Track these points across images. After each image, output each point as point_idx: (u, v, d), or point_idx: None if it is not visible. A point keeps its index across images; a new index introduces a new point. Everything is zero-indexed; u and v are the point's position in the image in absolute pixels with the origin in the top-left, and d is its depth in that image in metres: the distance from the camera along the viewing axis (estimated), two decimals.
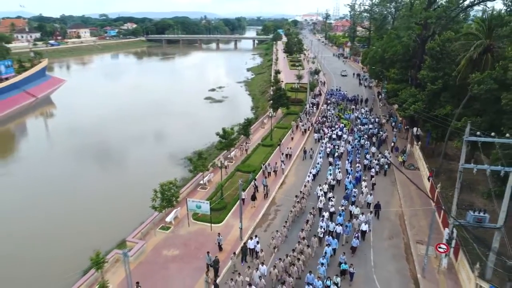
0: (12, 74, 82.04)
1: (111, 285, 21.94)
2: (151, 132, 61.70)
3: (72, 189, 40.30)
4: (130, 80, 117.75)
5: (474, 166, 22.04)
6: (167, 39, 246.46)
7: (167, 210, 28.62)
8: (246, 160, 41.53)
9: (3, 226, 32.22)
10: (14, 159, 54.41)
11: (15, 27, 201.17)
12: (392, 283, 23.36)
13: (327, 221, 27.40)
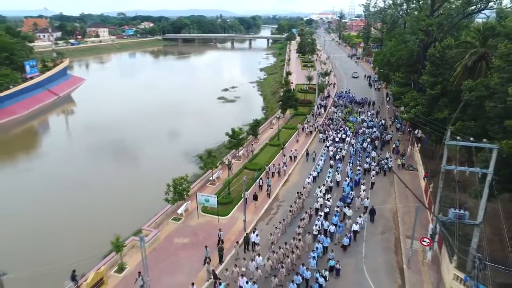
0: (37, 74, 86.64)
1: (128, 267, 25.07)
2: (166, 130, 64.96)
3: (91, 183, 43.85)
4: (147, 78, 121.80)
5: (454, 168, 24.31)
6: (183, 38, 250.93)
7: (178, 203, 31.66)
8: (253, 158, 44.25)
9: (32, 217, 35.71)
10: (37, 155, 58.46)
11: (37, 27, 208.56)
12: (380, 272, 25.75)
13: (323, 220, 29.43)
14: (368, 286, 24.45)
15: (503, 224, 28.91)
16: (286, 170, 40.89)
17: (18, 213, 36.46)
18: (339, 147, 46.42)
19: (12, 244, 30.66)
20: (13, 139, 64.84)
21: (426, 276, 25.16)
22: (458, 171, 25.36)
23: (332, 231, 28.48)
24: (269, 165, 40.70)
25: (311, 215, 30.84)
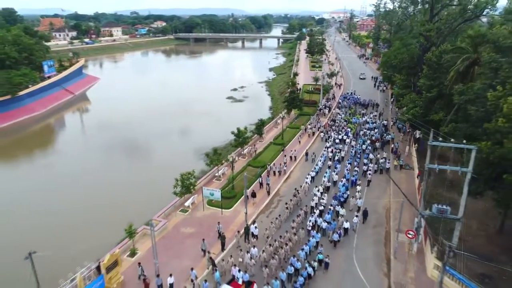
0: (54, 73, 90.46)
1: (139, 252, 27.87)
2: (176, 129, 67.95)
3: (106, 178, 47.06)
4: (159, 77, 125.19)
5: (437, 167, 26.43)
6: (194, 37, 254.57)
7: (186, 196, 34.43)
8: (257, 156, 46.80)
9: (53, 207, 38.88)
10: (54, 151, 62.16)
11: (53, 26, 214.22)
12: (368, 262, 28.07)
13: (317, 217, 31.52)
14: (356, 273, 26.80)
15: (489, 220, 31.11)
16: (287, 170, 43.01)
17: (41, 204, 39.68)
18: (338, 148, 48.14)
19: (38, 228, 33.73)
20: (32, 136, 68.51)
21: (411, 265, 27.39)
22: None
23: (324, 227, 30.51)
24: (271, 165, 42.99)
25: (306, 212, 32.91)
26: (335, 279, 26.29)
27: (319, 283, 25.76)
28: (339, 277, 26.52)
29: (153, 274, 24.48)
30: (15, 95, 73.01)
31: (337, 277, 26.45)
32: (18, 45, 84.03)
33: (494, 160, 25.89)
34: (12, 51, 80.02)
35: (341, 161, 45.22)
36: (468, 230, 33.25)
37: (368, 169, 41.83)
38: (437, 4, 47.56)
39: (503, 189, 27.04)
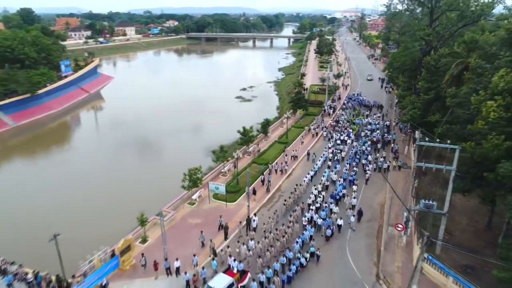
0: (70, 73, 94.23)
1: (150, 239, 30.63)
2: (186, 127, 70.73)
3: (119, 172, 50.15)
4: (171, 76, 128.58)
5: (424, 165, 28.53)
6: (206, 37, 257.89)
7: (193, 190, 37.13)
8: (262, 154, 49.27)
9: (71, 199, 41.97)
10: (70, 147, 65.70)
11: (69, 26, 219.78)
12: (360, 252, 30.31)
13: (312, 213, 33.59)
14: (348, 262, 29.09)
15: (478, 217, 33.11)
16: (288, 169, 45.01)
17: (61, 195, 42.87)
18: (339, 149, 49.65)
19: (60, 216, 36.72)
20: (50, 133, 72.23)
21: (399, 256, 29.59)
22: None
23: (319, 223, 32.49)
24: (273, 163, 45.20)
25: (303, 208, 34.87)
26: (327, 267, 28.58)
27: (312, 271, 28.03)
28: (331, 265, 28.80)
29: (162, 258, 27.14)
30: (34, 94, 76.70)
31: (329, 266, 28.73)
32: (37, 46, 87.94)
33: (477, 159, 27.87)
34: (31, 52, 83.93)
35: (340, 161, 46.84)
36: (458, 225, 35.37)
37: (367, 168, 43.53)
38: (437, 9, 49.18)
39: (487, 187, 28.86)
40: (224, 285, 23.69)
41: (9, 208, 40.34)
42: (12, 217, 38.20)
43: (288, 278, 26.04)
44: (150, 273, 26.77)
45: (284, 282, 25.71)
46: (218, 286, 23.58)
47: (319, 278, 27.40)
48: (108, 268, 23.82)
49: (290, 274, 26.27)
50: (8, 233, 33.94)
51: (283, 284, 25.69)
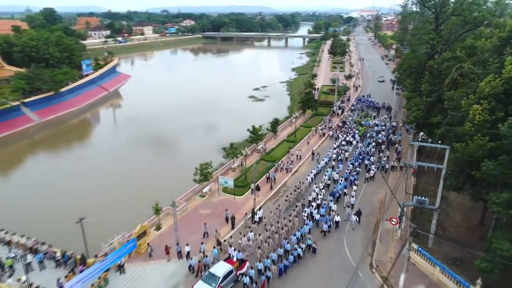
0: (91, 71, 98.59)
1: (163, 227, 33.62)
2: (200, 124, 73.76)
3: (136, 166, 53.40)
4: (186, 75, 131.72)
5: (415, 163, 30.61)
6: (221, 36, 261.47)
7: (204, 183, 39.91)
8: (270, 152, 51.83)
9: (93, 189, 45.42)
10: (90, 142, 69.65)
11: (89, 25, 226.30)
12: (356, 244, 32.59)
13: (312, 209, 35.62)
14: (344, 252, 31.44)
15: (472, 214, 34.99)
16: (293, 168, 47.13)
17: (84, 185, 46.45)
18: (343, 150, 51.14)
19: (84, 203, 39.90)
20: (71, 129, 76.29)
21: (392, 247, 31.77)
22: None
23: (317, 219, 34.59)
24: (278, 162, 47.46)
25: (304, 204, 37.08)
26: (325, 256, 30.98)
27: (309, 260, 30.29)
28: (329, 255, 31.20)
29: (174, 244, 30.05)
30: (57, 92, 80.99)
31: (327, 255, 31.14)
32: (60, 46, 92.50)
33: (467, 159, 29.80)
34: (55, 51, 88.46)
35: (344, 162, 48.35)
36: (452, 222, 37.35)
37: (371, 168, 45.12)
38: (442, 14, 50.79)
39: (477, 185, 30.76)
40: (224, 272, 26.11)
41: (38, 196, 44.26)
42: (41, 203, 41.98)
43: (284, 267, 28.36)
44: (162, 256, 29.69)
45: (281, 270, 28.10)
46: (218, 272, 26.05)
47: (316, 266, 29.80)
48: (127, 249, 26.77)
49: (287, 263, 28.57)
50: (38, 218, 37.56)
51: (280, 272, 28.07)
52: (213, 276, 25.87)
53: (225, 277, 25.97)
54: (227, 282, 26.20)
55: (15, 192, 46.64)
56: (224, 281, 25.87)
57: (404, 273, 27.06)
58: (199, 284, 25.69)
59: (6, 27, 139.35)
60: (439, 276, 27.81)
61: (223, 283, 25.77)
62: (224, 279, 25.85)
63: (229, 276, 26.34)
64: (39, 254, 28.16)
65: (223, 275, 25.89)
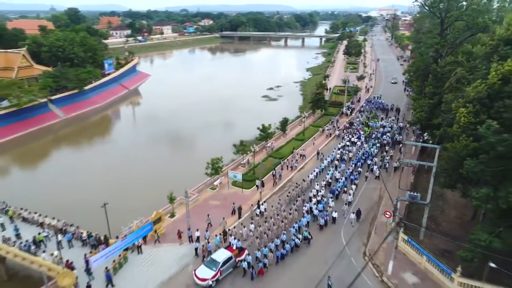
0: (112, 71, 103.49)
1: (177, 215, 37.10)
2: (214, 122, 77.21)
3: (153, 160, 57.26)
4: (203, 74, 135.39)
5: (409, 161, 33.05)
6: (239, 36, 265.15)
7: (215, 177, 43.23)
8: (279, 149, 54.79)
9: (114, 180, 49.40)
10: (111, 137, 74.13)
11: (111, 25, 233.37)
12: (353, 235, 35.27)
13: (312, 204, 38.16)
14: (340, 242, 34.23)
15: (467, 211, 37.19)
16: (298, 166, 49.63)
17: (106, 176, 50.47)
18: (347, 150, 52.97)
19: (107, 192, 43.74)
20: (94, 125, 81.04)
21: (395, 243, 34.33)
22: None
23: (315, 213, 37.08)
24: (284, 160, 50.11)
25: (304, 200, 39.70)
26: (322, 245, 33.85)
27: (306, 249, 33.10)
28: (326, 244, 34.06)
29: (186, 229, 33.44)
30: (81, 90, 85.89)
31: (324, 244, 34.02)
32: (84, 46, 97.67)
33: (457, 158, 32.09)
34: (79, 51, 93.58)
35: (347, 161, 50.07)
36: (446, 217, 39.68)
37: (374, 168, 47.15)
38: (447, 19, 52.58)
39: (466, 183, 33.02)
40: (224, 258, 29.14)
41: (66, 185, 48.64)
42: (68, 191, 46.31)
43: (281, 255, 31.22)
44: (175, 240, 33.15)
45: (278, 258, 31.00)
46: (219, 258, 29.11)
47: (313, 253, 32.69)
48: (144, 231, 30.27)
49: (284, 252, 31.42)
50: (66, 204, 41.62)
51: (277, 259, 30.97)
52: (214, 261, 28.91)
53: (224, 263, 28.92)
54: (227, 267, 29.16)
55: (45, 181, 51.37)
56: (224, 266, 28.83)
57: (392, 260, 29.87)
58: (202, 268, 28.79)
59: (33, 26, 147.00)
60: (425, 264, 30.34)
61: (223, 268, 28.74)
62: (223, 264, 28.81)
63: (228, 262, 29.28)
64: (68, 234, 32.04)
65: (223, 260, 28.88)
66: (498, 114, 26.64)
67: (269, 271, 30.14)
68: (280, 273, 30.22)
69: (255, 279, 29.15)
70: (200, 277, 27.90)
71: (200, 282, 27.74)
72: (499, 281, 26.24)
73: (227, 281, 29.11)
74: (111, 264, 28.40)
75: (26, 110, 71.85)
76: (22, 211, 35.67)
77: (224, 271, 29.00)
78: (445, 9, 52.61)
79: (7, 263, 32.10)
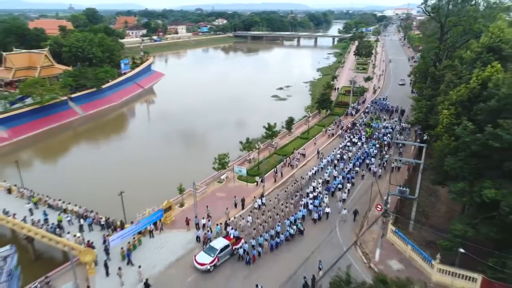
0: (128, 70, 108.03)
1: (186, 204, 40.64)
2: (224, 121, 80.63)
3: (165, 155, 61.10)
4: (216, 74, 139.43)
5: (399, 158, 35.78)
6: (252, 35, 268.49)
7: (222, 171, 46.62)
8: (283, 147, 57.89)
9: (129, 172, 53.31)
10: (126, 134, 78.28)
11: (127, 24, 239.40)
12: (347, 226, 38.23)
13: (308, 199, 40.83)
14: (334, 232, 37.21)
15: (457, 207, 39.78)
16: (298, 164, 52.24)
17: (121, 168, 54.44)
18: (347, 150, 55.06)
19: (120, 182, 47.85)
20: (110, 122, 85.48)
21: (375, 229, 37.19)
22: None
23: (310, 208, 39.79)
24: (286, 158, 52.79)
25: (302, 195, 42.46)
26: (317, 235, 36.94)
27: (301, 238, 35.99)
28: (321, 234, 37.13)
29: (193, 217, 36.92)
30: (99, 88, 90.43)
31: (319, 234, 37.08)
32: (102, 46, 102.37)
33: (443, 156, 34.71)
34: (98, 52, 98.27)
35: (347, 161, 52.00)
36: (437, 212, 42.32)
37: (371, 168, 49.53)
38: (447, 25, 54.84)
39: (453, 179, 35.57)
40: (221, 245, 32.28)
41: (85, 175, 53.07)
42: (88, 182, 50.65)
43: (276, 244, 34.27)
44: (183, 227, 36.69)
45: (272, 246, 34.06)
46: (217, 246, 32.26)
47: (306, 243, 35.63)
48: (155, 217, 33.89)
49: (278, 241, 34.47)
50: (87, 192, 45.77)
51: (272, 247, 34.00)
52: (212, 248, 32.15)
53: (222, 250, 32.10)
54: (224, 254, 32.32)
55: (66, 173, 55.61)
56: (221, 253, 32.01)
57: (379, 248, 32.81)
58: (201, 254, 32.05)
59: (53, 26, 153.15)
60: (410, 253, 33.13)
61: (221, 255, 31.93)
62: (221, 252, 31.99)
63: (225, 249, 32.45)
64: (88, 219, 35.88)
65: (221, 248, 32.09)
66: (476, 116, 29.33)
67: (264, 258, 33.21)
68: (274, 259, 33.32)
69: (251, 264, 32.29)
70: (200, 262, 31.16)
71: (199, 266, 31.01)
72: (474, 267, 28.90)
73: (225, 266, 32.24)
74: (126, 245, 32.06)
75: (48, 108, 76.52)
76: (47, 198, 39.72)
77: (222, 257, 32.09)
78: (445, 14, 54.89)
79: (35, 244, 36.12)
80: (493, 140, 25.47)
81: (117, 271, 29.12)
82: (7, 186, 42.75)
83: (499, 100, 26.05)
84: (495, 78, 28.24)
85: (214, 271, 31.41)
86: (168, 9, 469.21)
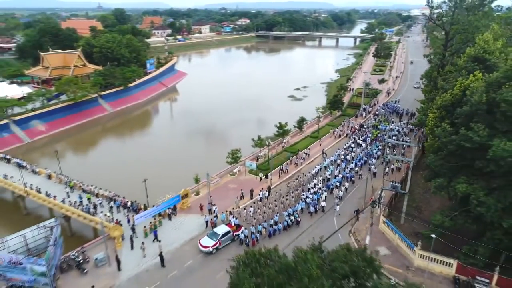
0: (153, 70, 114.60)
1: (201, 193, 45.75)
2: (241, 119, 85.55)
3: (185, 149, 66.55)
4: (237, 73, 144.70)
5: (391, 157, 39.59)
6: (273, 35, 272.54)
7: (234, 165, 51.49)
8: (294, 144, 62.22)
9: (153, 164, 59.01)
10: (151, 130, 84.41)
11: (153, 24, 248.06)
12: (344, 216, 42.17)
13: (308, 194, 44.81)
14: (332, 222, 41.46)
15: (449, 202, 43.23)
16: (303, 163, 55.95)
17: (144, 160, 60.23)
18: (351, 150, 57.55)
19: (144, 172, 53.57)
20: (136, 118, 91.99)
21: (369, 220, 41.11)
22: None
23: (309, 202, 43.48)
24: (293, 157, 56.63)
25: (303, 190, 46.34)
26: (312, 226, 41.01)
27: (298, 228, 40.16)
28: (318, 223, 41.36)
29: (207, 204, 41.98)
30: (126, 87, 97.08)
31: (316, 223, 41.37)
32: (130, 47, 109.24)
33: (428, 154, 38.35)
34: (126, 52, 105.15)
35: (348, 161, 54.30)
36: (430, 207, 45.72)
37: (371, 168, 52.18)
38: (452, 31, 57.77)
39: None
40: (223, 231, 36.74)
41: (114, 165, 59.70)
42: (116, 170, 57.04)
43: (274, 231, 38.56)
44: (198, 212, 41.81)
45: (270, 233, 38.38)
46: (219, 231, 36.78)
47: (302, 231, 40.03)
48: (173, 202, 39.24)
49: (276, 229, 38.69)
50: (115, 179, 51.76)
51: (270, 234, 38.27)
52: (215, 234, 36.75)
53: (223, 235, 36.59)
54: (225, 239, 36.79)
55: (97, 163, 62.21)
56: (223, 238, 36.51)
57: (368, 235, 36.89)
58: (205, 238, 36.62)
59: (84, 26, 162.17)
60: (397, 241, 37.02)
61: (222, 239, 36.46)
62: (223, 237, 36.51)
63: (227, 235, 36.91)
64: (117, 202, 41.54)
65: (222, 233, 36.65)
66: (456, 120, 33.01)
67: (262, 242, 36.89)
68: (271, 244, 37.40)
69: (250, 247, 36.49)
70: (203, 245, 35.84)
71: (203, 249, 35.69)
72: (451, 254, 32.61)
73: (228, 248, 36.69)
74: (148, 225, 37.44)
75: (80, 104, 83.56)
76: (81, 184, 45.69)
77: (223, 242, 36.59)
78: (450, 22, 57.83)
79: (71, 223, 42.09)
80: (465, 141, 29.22)
81: (140, 245, 34.50)
82: (48, 172, 49.04)
83: (472, 105, 29.73)
84: (473, 86, 31.85)
85: (218, 251, 36.07)
86: (193, 8, 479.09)
